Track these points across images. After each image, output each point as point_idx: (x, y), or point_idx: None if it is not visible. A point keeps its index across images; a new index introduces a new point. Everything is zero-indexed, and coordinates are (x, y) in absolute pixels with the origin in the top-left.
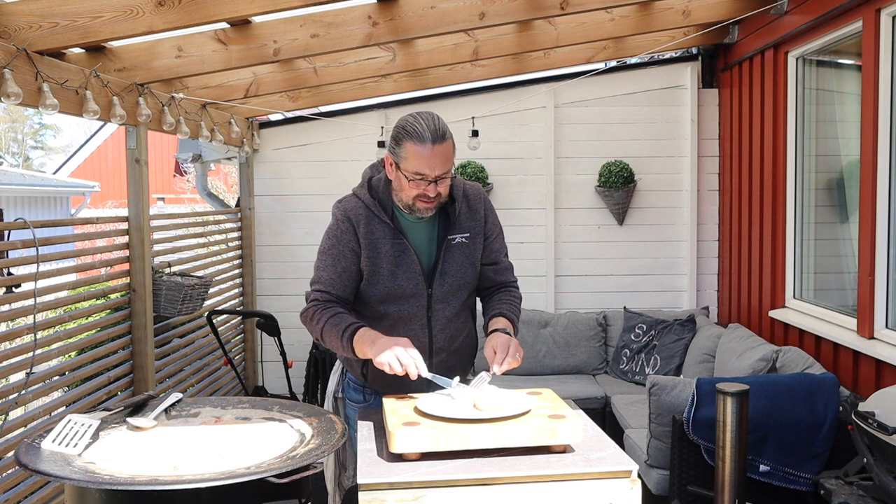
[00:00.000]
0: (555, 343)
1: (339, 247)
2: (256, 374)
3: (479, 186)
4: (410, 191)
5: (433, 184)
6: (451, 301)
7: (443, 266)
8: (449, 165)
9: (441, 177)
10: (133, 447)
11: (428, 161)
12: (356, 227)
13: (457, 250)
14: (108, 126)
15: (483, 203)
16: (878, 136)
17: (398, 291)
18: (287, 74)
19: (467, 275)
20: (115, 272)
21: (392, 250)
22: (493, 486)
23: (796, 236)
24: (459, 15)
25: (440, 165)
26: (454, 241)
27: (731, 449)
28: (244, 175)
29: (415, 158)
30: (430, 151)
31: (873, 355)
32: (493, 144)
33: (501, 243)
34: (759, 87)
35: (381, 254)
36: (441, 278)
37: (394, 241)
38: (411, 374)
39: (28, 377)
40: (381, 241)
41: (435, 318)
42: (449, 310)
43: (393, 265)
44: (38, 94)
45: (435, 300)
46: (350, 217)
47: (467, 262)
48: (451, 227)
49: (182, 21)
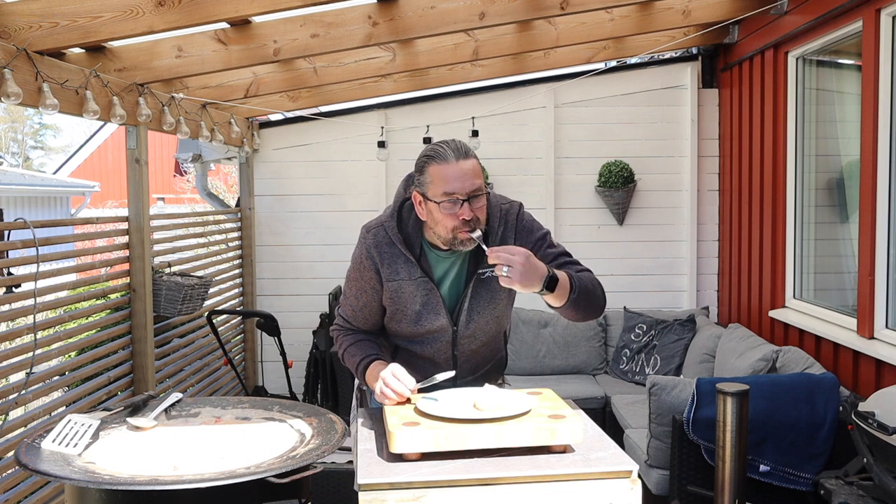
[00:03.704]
0: (555, 343)
1: (360, 282)
2: (256, 374)
3: (514, 208)
4: (446, 221)
5: (466, 204)
6: (479, 336)
7: (470, 304)
8: (479, 182)
9: (473, 195)
10: (133, 447)
11: (455, 177)
12: (379, 267)
13: (486, 285)
14: (108, 126)
15: (514, 228)
16: (878, 136)
17: (422, 331)
18: (287, 74)
19: (497, 309)
20: (115, 272)
21: (417, 290)
22: (494, 486)
23: (796, 236)
24: (459, 15)
25: (469, 180)
26: (484, 275)
27: (731, 449)
28: (244, 175)
29: (440, 179)
30: (456, 167)
31: (873, 355)
32: (493, 144)
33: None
34: (759, 87)
35: (404, 295)
36: (468, 315)
37: (419, 280)
38: (403, 395)
39: (28, 377)
40: (406, 281)
41: (461, 352)
42: (476, 343)
43: (418, 305)
44: (38, 94)
45: (460, 337)
46: (373, 255)
47: (498, 297)
48: (483, 260)
49: (182, 21)
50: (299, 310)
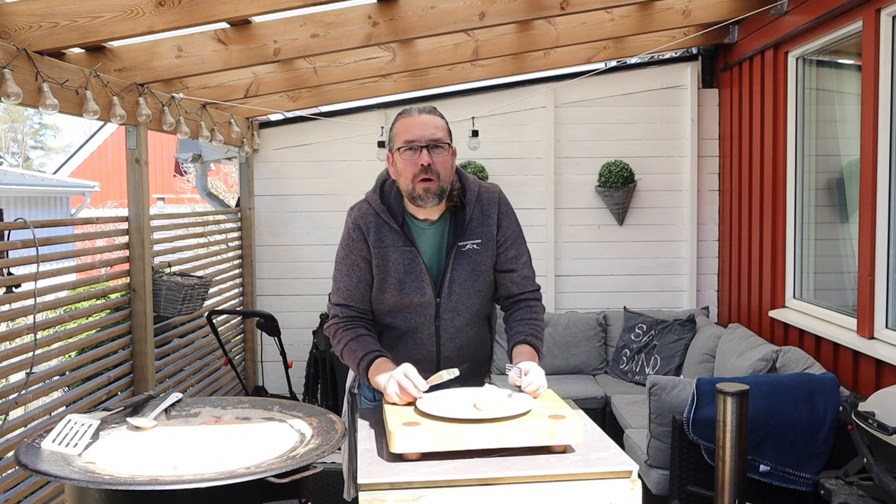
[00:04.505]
0: (555, 343)
1: (352, 256)
2: (256, 374)
3: (496, 188)
4: (406, 170)
5: (425, 150)
6: (462, 311)
7: (451, 274)
8: (441, 135)
9: (434, 143)
10: (133, 447)
11: (415, 125)
12: (366, 235)
13: (467, 258)
14: (108, 126)
15: (497, 206)
16: (878, 136)
17: (406, 301)
18: (287, 74)
19: (478, 283)
20: (115, 272)
21: (401, 258)
22: (494, 486)
23: (796, 236)
24: (459, 15)
25: (429, 129)
26: (464, 247)
27: (731, 449)
28: (244, 175)
29: (403, 130)
30: (417, 118)
31: (873, 355)
32: (493, 144)
33: (519, 249)
34: (759, 87)
35: (389, 262)
36: (449, 287)
37: (403, 249)
38: (413, 395)
39: (28, 377)
40: (391, 248)
41: (444, 328)
42: (459, 319)
43: (402, 273)
44: (38, 94)
45: (443, 310)
46: (360, 225)
47: (478, 270)
48: (462, 233)
49: (182, 21)
50: (299, 310)
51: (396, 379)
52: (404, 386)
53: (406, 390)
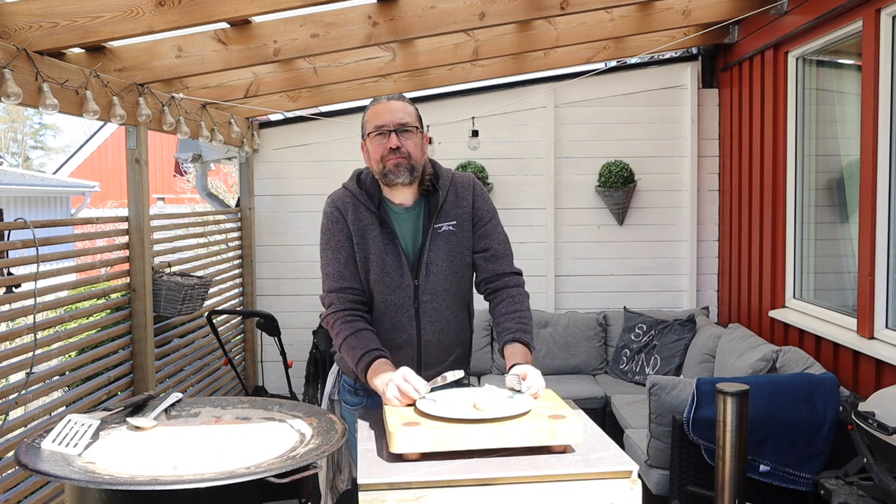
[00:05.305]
0: (555, 343)
1: (335, 238)
2: (256, 374)
3: (470, 175)
4: (376, 153)
5: (394, 134)
6: (440, 293)
7: (429, 256)
8: (409, 119)
9: (402, 127)
10: (133, 447)
11: (383, 111)
12: (345, 215)
13: (443, 239)
14: (108, 126)
15: (472, 189)
16: (878, 136)
17: (386, 280)
18: (287, 74)
19: (455, 265)
20: (115, 272)
21: (380, 236)
22: (494, 486)
23: (796, 236)
24: (459, 15)
25: (397, 114)
26: (440, 229)
27: (731, 449)
28: (244, 175)
29: (373, 117)
30: (386, 105)
31: (873, 355)
32: (493, 144)
33: (494, 229)
34: (759, 87)
35: (369, 240)
36: (427, 268)
37: (381, 230)
38: (413, 397)
39: (28, 377)
40: (369, 227)
41: (423, 310)
42: (438, 302)
43: (381, 251)
44: (38, 94)
45: (422, 291)
46: (338, 206)
47: (455, 251)
48: (437, 215)
49: (182, 21)
50: (299, 310)
51: (396, 383)
52: (404, 390)
53: (406, 394)
